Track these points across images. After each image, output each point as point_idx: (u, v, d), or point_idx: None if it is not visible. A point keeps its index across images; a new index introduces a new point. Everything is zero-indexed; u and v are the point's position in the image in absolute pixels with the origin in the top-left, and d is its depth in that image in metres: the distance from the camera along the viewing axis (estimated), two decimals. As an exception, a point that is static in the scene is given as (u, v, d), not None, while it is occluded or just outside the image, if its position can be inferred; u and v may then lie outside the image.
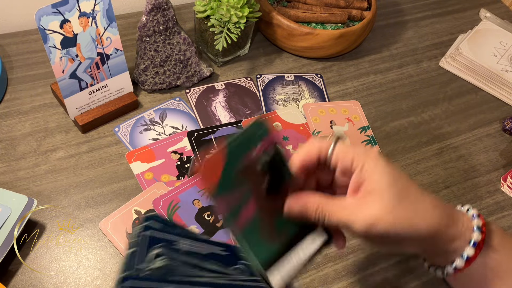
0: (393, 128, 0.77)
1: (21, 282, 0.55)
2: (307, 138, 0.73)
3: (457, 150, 0.76)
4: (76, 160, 0.66)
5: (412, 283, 0.61)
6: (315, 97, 0.79)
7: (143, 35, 0.70)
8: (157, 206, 0.62)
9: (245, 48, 0.82)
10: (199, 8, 0.73)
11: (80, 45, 0.63)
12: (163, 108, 0.73)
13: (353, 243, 0.63)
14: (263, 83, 0.79)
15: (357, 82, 0.83)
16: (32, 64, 0.75)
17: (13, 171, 0.63)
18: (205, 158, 0.48)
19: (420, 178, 0.71)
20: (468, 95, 0.84)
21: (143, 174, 0.65)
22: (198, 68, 0.75)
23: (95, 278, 0.57)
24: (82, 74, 0.65)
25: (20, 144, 0.66)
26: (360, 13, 0.84)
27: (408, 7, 0.99)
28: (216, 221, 0.62)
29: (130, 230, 0.60)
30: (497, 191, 0.72)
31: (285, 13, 0.82)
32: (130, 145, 0.68)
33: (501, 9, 1.02)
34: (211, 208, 0.63)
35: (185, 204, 0.63)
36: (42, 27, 0.58)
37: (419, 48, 0.91)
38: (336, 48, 0.82)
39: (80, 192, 0.63)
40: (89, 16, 0.61)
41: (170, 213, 0.61)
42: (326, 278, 0.60)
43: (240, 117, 0.74)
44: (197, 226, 0.61)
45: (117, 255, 0.58)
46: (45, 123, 0.69)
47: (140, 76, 0.73)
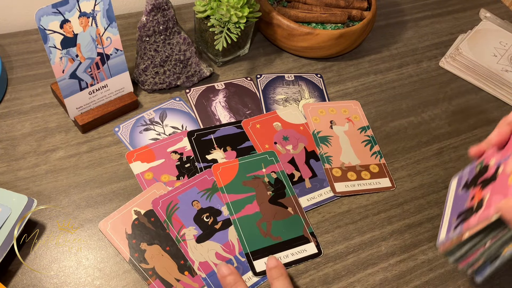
0: (393, 128, 0.77)
1: (21, 282, 0.55)
2: (307, 138, 0.73)
3: (457, 150, 0.76)
4: (76, 160, 0.66)
5: (412, 283, 0.61)
6: (315, 97, 0.79)
7: (143, 35, 0.70)
8: (156, 207, 0.62)
9: (245, 48, 0.82)
10: (199, 8, 0.73)
11: (80, 45, 0.63)
12: (163, 108, 0.73)
13: (353, 243, 0.63)
14: (263, 83, 0.79)
15: (357, 82, 0.83)
16: (32, 64, 0.75)
17: (13, 171, 0.64)
18: (224, 163, 0.66)
19: (420, 178, 0.71)
20: (468, 95, 0.84)
21: (143, 174, 0.65)
22: (198, 68, 0.75)
23: (95, 278, 0.57)
24: (82, 74, 0.65)
25: (20, 144, 0.66)
26: (360, 13, 0.84)
27: (408, 7, 0.99)
28: (215, 223, 0.62)
29: (130, 231, 0.60)
30: (497, 191, 0.72)
31: (285, 13, 0.82)
32: (130, 145, 0.68)
33: (501, 9, 1.02)
34: (210, 210, 0.63)
35: (184, 205, 0.62)
36: (42, 27, 0.58)
37: (419, 48, 0.91)
38: (336, 48, 0.82)
39: (80, 192, 0.63)
40: (89, 16, 0.61)
41: (169, 214, 0.61)
42: (326, 278, 0.60)
43: (240, 117, 0.74)
44: (196, 227, 0.61)
45: (117, 255, 0.58)
46: (45, 123, 0.69)
47: (140, 76, 0.73)
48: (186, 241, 0.60)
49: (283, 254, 0.60)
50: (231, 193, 0.64)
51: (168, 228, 0.60)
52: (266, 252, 0.60)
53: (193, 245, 0.60)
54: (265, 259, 0.59)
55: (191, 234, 0.60)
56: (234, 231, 0.61)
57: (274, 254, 0.60)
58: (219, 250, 0.60)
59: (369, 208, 0.67)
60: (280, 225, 0.63)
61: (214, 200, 0.64)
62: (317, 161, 0.70)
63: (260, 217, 0.63)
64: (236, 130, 0.72)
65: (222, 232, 0.61)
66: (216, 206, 0.63)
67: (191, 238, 0.60)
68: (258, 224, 0.62)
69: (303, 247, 0.62)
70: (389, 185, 0.70)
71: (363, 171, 0.70)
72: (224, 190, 0.64)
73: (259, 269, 0.59)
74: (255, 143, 0.71)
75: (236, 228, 0.61)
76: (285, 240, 0.62)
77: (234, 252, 0.60)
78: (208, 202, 0.63)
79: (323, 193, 0.67)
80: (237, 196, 0.64)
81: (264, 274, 0.58)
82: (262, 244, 0.61)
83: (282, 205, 0.64)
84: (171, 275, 0.57)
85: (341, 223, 0.65)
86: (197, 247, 0.59)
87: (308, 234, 0.63)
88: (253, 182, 0.66)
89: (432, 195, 0.70)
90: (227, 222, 0.62)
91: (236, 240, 0.61)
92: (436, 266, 0.63)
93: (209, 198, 0.64)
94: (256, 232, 0.61)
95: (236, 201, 0.64)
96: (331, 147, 0.72)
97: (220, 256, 0.59)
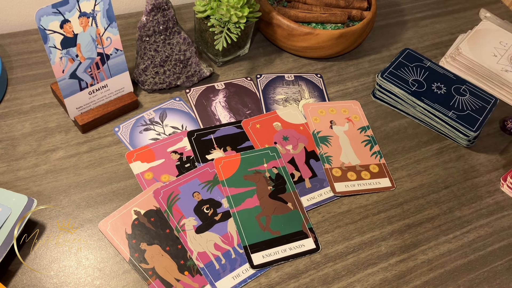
0: (393, 128, 0.77)
1: (21, 282, 0.55)
2: (307, 138, 0.73)
3: (457, 150, 0.76)
4: (76, 160, 0.66)
5: (412, 283, 0.61)
6: (315, 97, 0.79)
7: (143, 35, 0.70)
8: (157, 197, 0.62)
9: (245, 48, 0.82)
10: (199, 8, 0.73)
11: (80, 45, 0.63)
12: (163, 108, 0.73)
13: (353, 243, 0.63)
14: (263, 83, 0.79)
15: (357, 82, 0.83)
16: (32, 64, 0.75)
17: (13, 171, 0.64)
18: (226, 157, 0.67)
19: (420, 178, 0.71)
20: (468, 95, 0.84)
21: (143, 174, 0.65)
22: (198, 68, 0.75)
23: (95, 278, 0.57)
24: (82, 74, 0.65)
25: (20, 144, 0.66)
26: (360, 13, 0.84)
27: (408, 7, 0.99)
28: (214, 215, 0.62)
29: (130, 231, 0.60)
30: (497, 191, 0.72)
31: (285, 13, 0.82)
32: (130, 145, 0.68)
33: (501, 9, 1.02)
34: (210, 201, 0.63)
35: (185, 196, 0.63)
36: (42, 27, 0.58)
37: (419, 48, 0.91)
38: (336, 48, 0.82)
39: (80, 192, 0.63)
40: (89, 16, 0.61)
41: (169, 204, 0.62)
42: (326, 278, 0.60)
43: (240, 117, 0.74)
44: (196, 218, 0.61)
45: (117, 255, 0.58)
46: (45, 123, 0.69)
47: (140, 76, 0.73)
48: (185, 231, 0.60)
49: (281, 248, 0.61)
50: (232, 187, 0.65)
51: (168, 218, 0.61)
52: (264, 246, 0.61)
53: (192, 236, 0.60)
54: (263, 253, 0.60)
55: (191, 224, 0.61)
56: (233, 223, 0.62)
57: (272, 248, 0.61)
58: (218, 241, 0.60)
59: (369, 208, 0.67)
60: (279, 220, 0.63)
61: (214, 192, 0.64)
62: (317, 161, 0.70)
63: (260, 211, 0.63)
64: (236, 130, 0.72)
65: (221, 224, 0.62)
66: (217, 198, 0.64)
67: (191, 228, 0.61)
68: (258, 218, 0.63)
69: (301, 242, 0.62)
70: (389, 185, 0.70)
71: (363, 171, 0.70)
72: (225, 183, 0.65)
73: (256, 262, 0.59)
74: (255, 143, 0.71)
75: (235, 221, 0.62)
76: (284, 234, 0.62)
77: (232, 244, 0.61)
78: (209, 194, 0.64)
79: (323, 193, 0.67)
80: (238, 190, 0.65)
81: (261, 267, 0.59)
82: (260, 237, 0.61)
83: (282, 200, 0.65)
84: (171, 275, 0.57)
85: (341, 223, 0.65)
86: (196, 238, 0.60)
87: (307, 229, 0.63)
88: (254, 176, 0.66)
89: (432, 195, 0.70)
90: (226, 214, 0.63)
91: (235, 231, 0.62)
92: (436, 266, 0.63)
93: (210, 190, 0.64)
94: (255, 226, 0.62)
95: (237, 194, 0.64)
96: (331, 147, 0.72)
97: (219, 247, 0.60)
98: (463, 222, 0.68)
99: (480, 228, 0.67)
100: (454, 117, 0.74)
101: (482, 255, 0.65)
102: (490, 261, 0.65)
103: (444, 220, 0.67)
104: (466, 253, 0.65)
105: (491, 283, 0.63)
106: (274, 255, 0.60)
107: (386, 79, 0.77)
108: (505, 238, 0.67)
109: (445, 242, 0.65)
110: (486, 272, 0.63)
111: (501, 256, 0.65)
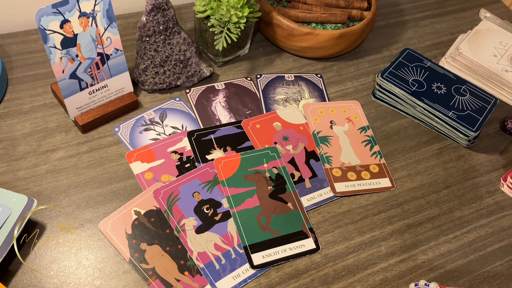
0: (393, 128, 0.77)
1: (21, 282, 0.55)
2: (307, 138, 0.73)
3: (457, 150, 0.76)
4: (76, 160, 0.66)
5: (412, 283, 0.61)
6: (315, 97, 0.79)
7: (143, 35, 0.70)
8: (157, 197, 0.62)
9: (245, 48, 0.82)
10: (199, 8, 0.73)
11: (80, 45, 0.63)
12: (163, 108, 0.73)
13: (353, 243, 0.63)
14: (263, 83, 0.79)
15: (357, 82, 0.83)
16: (32, 64, 0.75)
17: (13, 171, 0.64)
18: (226, 157, 0.67)
19: (420, 178, 0.71)
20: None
21: (143, 174, 0.65)
22: (198, 68, 0.75)
23: (95, 278, 0.57)
24: (82, 74, 0.65)
25: (20, 144, 0.66)
26: (360, 13, 0.84)
27: (408, 7, 0.99)
28: (215, 215, 0.62)
29: (130, 231, 0.60)
30: (497, 191, 0.72)
31: (285, 13, 0.82)
32: (130, 145, 0.68)
33: (501, 9, 1.02)
34: (210, 202, 0.63)
35: (185, 196, 0.63)
36: (42, 27, 0.58)
37: (419, 48, 0.91)
38: (336, 48, 0.82)
39: (80, 192, 0.63)
40: (89, 16, 0.61)
41: (169, 204, 0.62)
42: (326, 278, 0.60)
43: (240, 117, 0.74)
44: (196, 218, 0.61)
45: (117, 255, 0.58)
46: (45, 123, 0.69)
47: (140, 76, 0.73)
48: (185, 232, 0.60)
49: (281, 248, 0.61)
50: (232, 187, 0.65)
51: (168, 218, 0.61)
52: (264, 246, 0.61)
53: (192, 236, 0.60)
54: (263, 253, 0.60)
55: (191, 224, 0.61)
56: (233, 223, 0.62)
57: (272, 248, 0.61)
58: (218, 241, 0.60)
59: (369, 208, 0.67)
60: (280, 220, 0.63)
61: (214, 192, 0.64)
62: (317, 161, 0.70)
63: (260, 211, 0.63)
64: (236, 130, 0.72)
65: (221, 224, 0.62)
66: (217, 198, 0.64)
67: (191, 228, 0.61)
68: (258, 218, 0.63)
69: (301, 242, 0.62)
70: (389, 185, 0.70)
71: (363, 171, 0.70)
72: (225, 183, 0.65)
73: (256, 262, 0.59)
74: (255, 143, 0.71)
75: (235, 221, 0.62)
76: (284, 234, 0.62)
77: (232, 244, 0.61)
78: (209, 194, 0.64)
79: (323, 193, 0.67)
80: (238, 190, 0.65)
81: (261, 267, 0.59)
82: (260, 237, 0.61)
83: (282, 200, 0.65)
84: (171, 275, 0.57)
85: (341, 223, 0.65)
86: (196, 238, 0.60)
87: (307, 229, 0.63)
88: (254, 176, 0.66)
89: (432, 195, 0.70)
90: (226, 214, 0.63)
91: (235, 231, 0.62)
92: (436, 266, 0.63)
93: (210, 190, 0.64)
94: (255, 226, 0.62)
95: (237, 194, 0.64)
96: (331, 147, 0.72)
97: (219, 247, 0.60)
98: (463, 222, 0.68)
99: (480, 228, 0.68)
100: (454, 117, 0.74)
101: (482, 255, 0.65)
102: (490, 261, 0.65)
103: (444, 220, 0.67)
104: (466, 253, 0.65)
105: (491, 283, 0.63)
106: (274, 255, 0.60)
107: (386, 79, 0.77)
108: (505, 238, 0.67)
109: (445, 242, 0.65)
110: (486, 272, 0.63)
111: (501, 256, 0.65)
